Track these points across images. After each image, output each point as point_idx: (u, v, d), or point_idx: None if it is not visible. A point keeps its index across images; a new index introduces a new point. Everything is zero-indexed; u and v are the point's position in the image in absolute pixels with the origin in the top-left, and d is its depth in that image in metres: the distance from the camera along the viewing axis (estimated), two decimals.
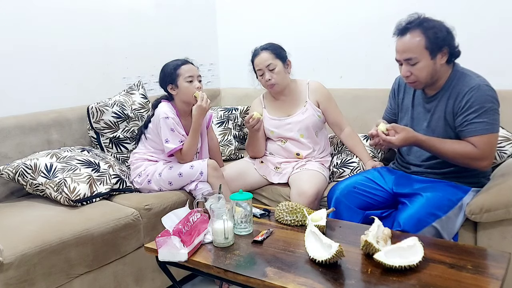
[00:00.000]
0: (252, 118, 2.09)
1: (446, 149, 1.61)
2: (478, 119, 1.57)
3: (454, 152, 1.60)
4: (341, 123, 2.20)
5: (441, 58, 1.62)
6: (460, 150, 1.59)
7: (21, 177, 1.90)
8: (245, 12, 3.10)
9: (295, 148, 2.21)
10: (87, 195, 1.89)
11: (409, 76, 1.64)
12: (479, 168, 1.63)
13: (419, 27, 1.60)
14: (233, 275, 1.28)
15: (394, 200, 1.77)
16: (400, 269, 1.20)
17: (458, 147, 1.60)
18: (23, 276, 1.48)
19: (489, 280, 1.16)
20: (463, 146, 1.59)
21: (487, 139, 1.57)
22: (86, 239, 1.66)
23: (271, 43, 2.18)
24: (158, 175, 2.06)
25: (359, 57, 2.63)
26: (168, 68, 2.10)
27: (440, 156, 1.65)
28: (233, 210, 1.51)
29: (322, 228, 1.46)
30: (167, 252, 1.38)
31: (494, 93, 1.59)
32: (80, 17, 2.41)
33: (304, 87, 2.23)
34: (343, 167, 2.14)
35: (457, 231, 1.62)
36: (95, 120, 2.22)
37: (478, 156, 1.58)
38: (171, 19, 2.92)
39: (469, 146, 1.58)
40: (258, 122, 2.11)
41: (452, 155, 1.61)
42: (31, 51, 2.23)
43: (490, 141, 1.58)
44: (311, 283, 1.18)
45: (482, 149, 1.57)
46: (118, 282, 1.81)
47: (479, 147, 1.57)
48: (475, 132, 1.58)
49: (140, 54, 2.74)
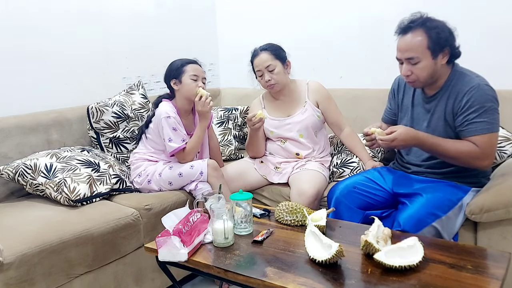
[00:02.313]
0: (255, 117, 2.08)
1: (448, 147, 1.60)
2: (478, 119, 1.57)
3: (456, 150, 1.59)
4: (341, 123, 2.20)
5: (442, 58, 1.62)
6: (463, 149, 1.58)
7: (21, 177, 1.89)
8: (245, 12, 3.10)
9: (295, 148, 2.21)
10: (87, 195, 1.89)
11: (410, 75, 1.64)
12: (480, 168, 1.63)
13: (422, 27, 1.59)
14: (233, 275, 1.28)
15: (394, 200, 1.77)
16: (400, 269, 1.20)
17: (460, 146, 1.59)
18: (23, 276, 1.48)
19: (489, 280, 1.16)
20: (465, 145, 1.59)
21: (488, 138, 1.57)
22: (86, 239, 1.66)
23: (270, 43, 2.17)
24: (158, 175, 2.06)
25: (359, 57, 2.63)
26: (176, 64, 2.12)
27: (441, 155, 1.64)
28: (233, 210, 1.51)
29: (322, 228, 1.46)
30: (167, 252, 1.38)
31: (494, 93, 1.59)
32: (80, 18, 2.41)
33: (303, 87, 2.23)
34: (343, 167, 2.14)
35: (457, 231, 1.62)
36: (95, 120, 2.22)
37: (480, 155, 1.57)
38: (171, 19, 2.92)
39: (471, 145, 1.58)
40: (261, 121, 2.11)
41: (454, 153, 1.60)
42: (31, 51, 2.23)
43: (491, 141, 1.58)
44: (311, 283, 1.18)
45: (484, 148, 1.56)
46: (118, 282, 1.81)
47: (480, 146, 1.56)
48: (476, 132, 1.57)
49: (140, 54, 2.74)
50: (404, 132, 1.59)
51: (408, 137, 1.60)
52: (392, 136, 1.59)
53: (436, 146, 1.62)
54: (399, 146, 1.63)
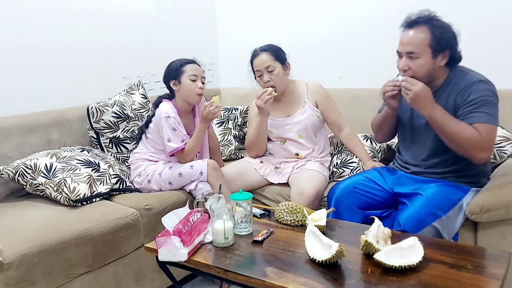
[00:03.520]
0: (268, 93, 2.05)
1: (454, 124, 1.57)
2: (480, 109, 1.57)
3: (460, 130, 1.56)
4: (341, 123, 2.20)
5: (441, 59, 1.62)
6: (467, 132, 1.56)
7: (21, 177, 1.89)
8: (245, 12, 3.10)
9: (294, 149, 2.21)
10: (87, 195, 1.89)
11: (407, 70, 1.64)
12: (476, 158, 1.60)
13: (427, 24, 1.60)
14: (233, 275, 1.28)
15: (394, 200, 1.77)
16: (400, 269, 1.20)
17: (466, 128, 1.56)
18: (23, 276, 1.48)
19: (489, 280, 1.16)
20: (470, 129, 1.56)
21: (488, 128, 1.56)
22: (86, 239, 1.66)
23: (270, 44, 2.17)
24: (158, 175, 2.06)
25: (359, 57, 2.63)
26: (174, 64, 2.12)
27: (444, 131, 1.60)
28: (233, 210, 1.51)
29: (322, 228, 1.46)
30: (167, 252, 1.38)
31: (494, 88, 1.60)
32: (80, 17, 2.42)
33: (303, 87, 2.23)
34: (343, 167, 2.14)
35: (457, 231, 1.62)
36: (95, 120, 2.22)
37: (481, 144, 1.55)
38: (171, 19, 2.92)
39: (475, 132, 1.55)
40: (271, 95, 2.07)
41: (458, 133, 1.56)
42: (31, 51, 2.23)
43: (491, 132, 1.58)
44: (311, 283, 1.18)
45: (485, 137, 1.55)
46: (118, 282, 1.81)
47: (482, 135, 1.55)
48: (478, 119, 1.56)
49: (140, 54, 2.74)
50: (426, 88, 1.58)
51: (427, 93, 1.58)
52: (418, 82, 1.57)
53: (443, 118, 1.58)
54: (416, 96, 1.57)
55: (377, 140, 2.05)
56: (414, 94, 1.57)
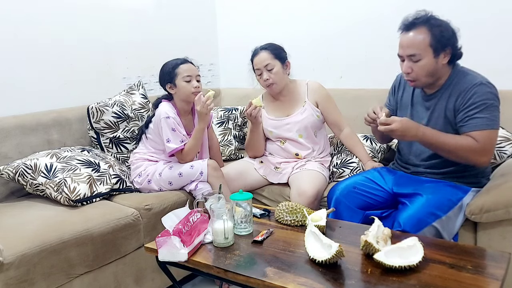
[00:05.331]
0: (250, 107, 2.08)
1: (448, 140, 1.59)
2: (479, 115, 1.57)
3: (456, 143, 1.58)
4: (340, 124, 2.20)
5: (444, 58, 1.62)
6: (462, 142, 1.57)
7: (21, 177, 1.90)
8: (245, 12, 3.10)
9: (294, 149, 2.21)
10: (87, 195, 1.89)
11: (410, 73, 1.63)
12: (478, 164, 1.61)
13: (425, 24, 1.59)
14: (233, 275, 1.28)
15: (394, 200, 1.77)
16: (400, 269, 1.20)
17: (460, 140, 1.59)
18: (23, 276, 1.48)
19: (489, 280, 1.16)
20: (464, 139, 1.58)
21: (487, 134, 1.56)
22: (86, 239, 1.66)
23: (271, 43, 2.17)
24: (158, 175, 2.06)
25: (359, 57, 2.63)
26: (167, 68, 2.10)
27: (440, 149, 1.62)
28: (233, 210, 1.51)
29: (322, 228, 1.46)
30: (167, 252, 1.38)
31: (495, 91, 1.60)
32: (80, 17, 2.42)
33: (303, 87, 2.23)
34: (343, 167, 2.14)
35: (457, 231, 1.62)
36: (95, 120, 2.22)
37: (479, 150, 1.56)
38: (171, 19, 2.92)
39: (470, 140, 1.57)
40: (257, 109, 2.10)
41: (454, 146, 1.58)
42: (31, 51, 2.23)
43: (491, 137, 1.58)
44: (311, 283, 1.18)
45: (483, 143, 1.56)
46: (118, 282, 1.81)
47: (480, 141, 1.55)
48: (476, 127, 1.57)
49: (140, 54, 2.74)
50: (404, 120, 1.57)
51: (407, 123, 1.58)
52: (392, 120, 1.57)
53: (436, 138, 1.59)
54: (398, 131, 1.58)
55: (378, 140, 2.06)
56: (397, 131, 1.56)
